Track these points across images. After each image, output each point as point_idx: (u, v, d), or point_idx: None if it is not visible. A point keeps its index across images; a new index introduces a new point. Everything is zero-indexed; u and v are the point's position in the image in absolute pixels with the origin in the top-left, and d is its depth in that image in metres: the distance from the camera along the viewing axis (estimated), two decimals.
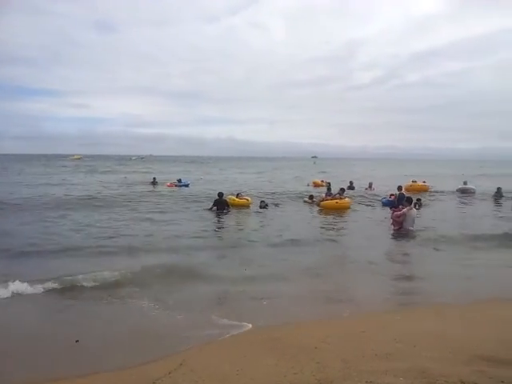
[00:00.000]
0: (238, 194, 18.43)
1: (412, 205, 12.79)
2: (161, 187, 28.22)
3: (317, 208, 18.33)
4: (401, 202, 14.02)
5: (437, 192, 23.04)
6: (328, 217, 16.18)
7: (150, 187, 28.12)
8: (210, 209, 16.52)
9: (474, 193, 22.84)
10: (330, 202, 18.01)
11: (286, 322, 5.70)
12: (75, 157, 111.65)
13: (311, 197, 19.99)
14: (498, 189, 22.03)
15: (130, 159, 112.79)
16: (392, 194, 18.51)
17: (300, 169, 63.87)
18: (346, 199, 18.28)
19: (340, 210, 17.61)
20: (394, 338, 4.54)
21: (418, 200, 17.55)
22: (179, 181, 29.54)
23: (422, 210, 17.13)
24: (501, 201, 21.00)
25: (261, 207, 17.33)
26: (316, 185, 28.37)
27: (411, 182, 24.30)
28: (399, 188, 17.67)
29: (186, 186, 28.99)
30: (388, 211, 14.38)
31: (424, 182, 26.10)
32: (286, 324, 5.60)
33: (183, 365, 4.10)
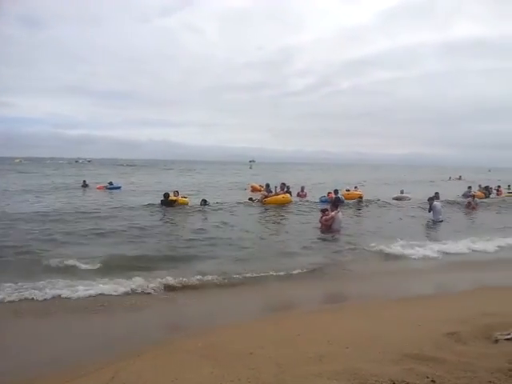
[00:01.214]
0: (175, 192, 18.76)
1: (338, 209, 13.69)
2: (91, 191, 27.42)
3: (258, 207, 18.66)
4: (336, 204, 14.69)
5: (371, 201, 23.77)
6: (266, 217, 16.34)
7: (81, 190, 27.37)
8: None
9: (409, 201, 23.99)
10: (277, 197, 19.15)
11: (222, 326, 5.66)
12: (16, 160, 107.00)
13: (251, 199, 20.23)
14: (436, 193, 23.40)
15: (76, 162, 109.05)
16: (330, 193, 19.33)
17: (236, 173, 64.01)
18: (287, 194, 19.68)
19: (284, 205, 18.92)
20: (328, 339, 4.59)
21: (360, 198, 19.30)
22: (110, 183, 28.85)
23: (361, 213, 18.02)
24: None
25: (201, 204, 18.13)
26: (254, 189, 28.56)
27: (345, 191, 25.05)
28: (335, 191, 18.56)
29: (118, 188, 28.38)
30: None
31: (356, 187, 27.18)
32: (222, 329, 5.55)
33: (115, 378, 3.92)
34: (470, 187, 26.95)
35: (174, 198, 18.12)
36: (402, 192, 25.49)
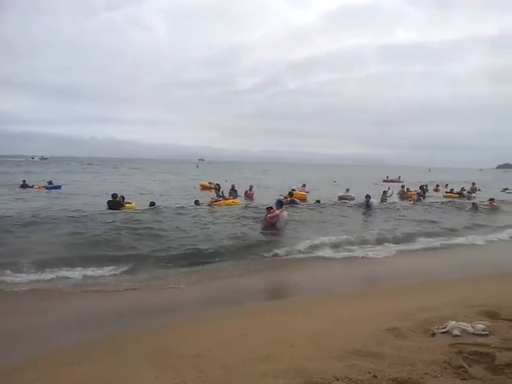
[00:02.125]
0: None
1: (283, 207, 13.88)
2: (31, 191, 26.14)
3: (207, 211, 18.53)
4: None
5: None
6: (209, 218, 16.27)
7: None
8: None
9: (353, 199, 24.73)
10: (227, 202, 19.02)
11: (168, 326, 5.59)
12: None
13: (197, 202, 19.99)
14: (384, 192, 24.43)
15: (32, 159, 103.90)
16: (286, 197, 19.70)
17: (184, 172, 63.29)
18: (237, 199, 19.70)
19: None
20: (274, 339, 4.63)
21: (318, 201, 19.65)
22: (49, 183, 27.66)
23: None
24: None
25: (150, 205, 17.68)
26: (204, 187, 28.46)
27: (291, 190, 25.52)
28: (290, 193, 19.09)
29: (58, 188, 27.29)
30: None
31: (304, 185, 27.97)
32: (168, 330, 5.49)
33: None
34: (407, 188, 28.38)
35: (126, 205, 17.35)
36: (347, 190, 26.25)
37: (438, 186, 35.65)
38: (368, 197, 18.46)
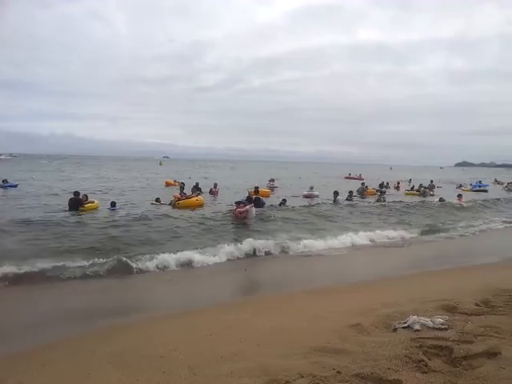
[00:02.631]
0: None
1: (252, 203, 14.47)
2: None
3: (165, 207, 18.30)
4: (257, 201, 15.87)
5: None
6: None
7: None
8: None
9: (318, 197, 24.99)
10: (191, 200, 18.83)
11: (131, 325, 5.52)
12: None
13: (158, 199, 19.72)
14: (351, 191, 24.81)
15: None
16: (251, 193, 19.79)
17: (147, 169, 62.25)
18: (200, 196, 19.62)
19: (197, 207, 18.64)
20: (240, 337, 4.63)
21: (284, 200, 19.61)
22: (4, 181, 26.53)
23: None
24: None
25: (111, 205, 17.40)
26: (168, 184, 28.22)
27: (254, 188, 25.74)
28: (256, 190, 19.82)
29: (14, 186, 26.26)
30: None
31: (272, 179, 28.45)
32: (131, 329, 5.42)
33: None
34: (366, 186, 28.97)
35: (86, 204, 16.59)
36: (311, 188, 26.57)
37: (398, 183, 36.54)
38: (336, 193, 18.72)
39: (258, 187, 25.05)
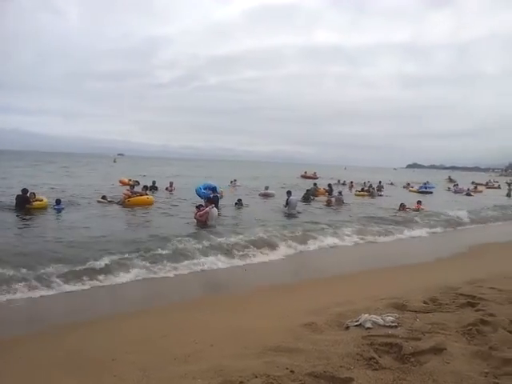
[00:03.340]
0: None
1: (212, 204, 14.00)
2: None
3: (115, 206, 17.92)
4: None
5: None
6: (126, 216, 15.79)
7: None
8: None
9: (273, 196, 25.18)
10: (141, 198, 18.50)
11: (79, 325, 5.44)
12: None
13: (104, 197, 19.24)
14: (307, 190, 25.01)
15: None
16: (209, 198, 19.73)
17: (101, 167, 60.46)
18: (150, 195, 19.36)
19: (147, 205, 18.23)
20: (194, 339, 4.61)
21: (239, 200, 19.66)
22: None
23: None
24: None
25: (56, 203, 16.36)
26: (123, 183, 27.59)
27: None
28: (214, 188, 19.26)
29: None
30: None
31: (235, 180, 28.98)
32: (80, 330, 5.32)
33: None
34: (317, 186, 29.45)
35: (33, 203, 15.63)
36: (266, 188, 26.80)
37: (352, 182, 37.41)
38: (289, 193, 18.57)
39: (215, 187, 25.01)
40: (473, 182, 50.78)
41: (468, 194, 35.90)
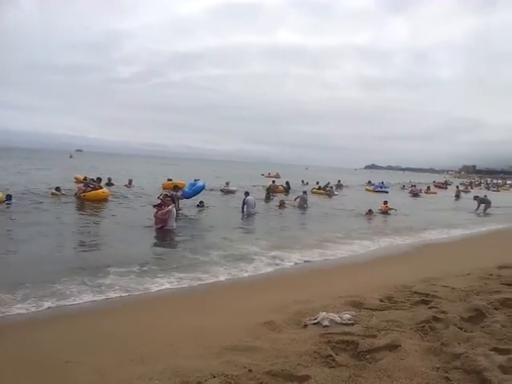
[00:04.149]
0: None
1: (173, 203, 13.36)
2: None
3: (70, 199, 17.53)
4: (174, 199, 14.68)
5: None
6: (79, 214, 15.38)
7: None
8: None
9: (234, 192, 25.42)
10: (97, 192, 18.11)
11: (28, 325, 5.26)
12: None
13: (58, 188, 18.70)
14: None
15: None
16: (168, 184, 19.38)
17: (56, 163, 58.52)
18: (106, 189, 19.00)
19: (103, 200, 18.08)
20: (153, 338, 4.55)
21: (201, 202, 19.13)
22: None
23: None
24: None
25: (6, 198, 16.00)
26: (78, 180, 26.97)
27: (166, 180, 25.75)
28: (170, 179, 19.03)
29: None
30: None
31: (198, 179, 29.03)
32: (29, 330, 5.12)
33: None
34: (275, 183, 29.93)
35: None
36: (227, 184, 27.04)
37: (318, 183, 38.07)
38: (246, 194, 18.58)
39: (171, 179, 24.95)
40: (429, 187, 51.35)
41: (415, 195, 37.02)
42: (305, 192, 23.80)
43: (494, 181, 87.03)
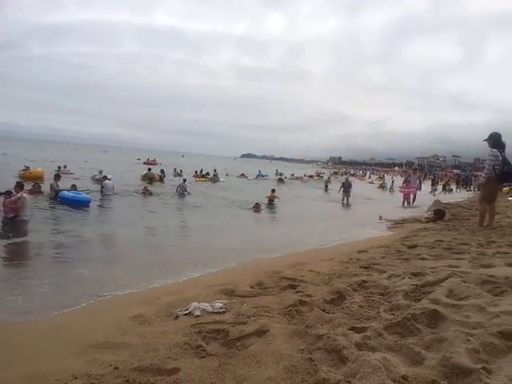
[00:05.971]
0: None
1: (24, 190, 12.13)
2: None
3: None
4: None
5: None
6: None
7: None
8: None
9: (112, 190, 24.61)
10: None
11: None
12: None
13: None
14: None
15: None
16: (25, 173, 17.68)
17: None
18: None
19: None
20: (3, 341, 4.06)
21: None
22: None
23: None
24: None
25: None
26: None
27: (24, 168, 23.41)
28: (105, 177, 19.11)
29: None
30: None
31: (65, 166, 27.05)
32: None
33: None
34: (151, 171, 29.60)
35: None
36: (100, 172, 25.92)
37: (196, 171, 38.26)
38: (105, 177, 18.03)
39: (28, 167, 23.32)
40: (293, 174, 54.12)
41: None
42: (185, 180, 24.20)
43: (356, 172, 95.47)
